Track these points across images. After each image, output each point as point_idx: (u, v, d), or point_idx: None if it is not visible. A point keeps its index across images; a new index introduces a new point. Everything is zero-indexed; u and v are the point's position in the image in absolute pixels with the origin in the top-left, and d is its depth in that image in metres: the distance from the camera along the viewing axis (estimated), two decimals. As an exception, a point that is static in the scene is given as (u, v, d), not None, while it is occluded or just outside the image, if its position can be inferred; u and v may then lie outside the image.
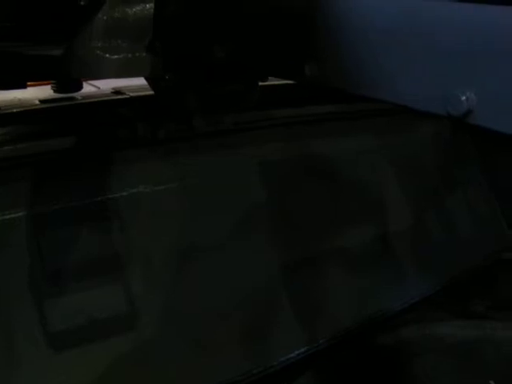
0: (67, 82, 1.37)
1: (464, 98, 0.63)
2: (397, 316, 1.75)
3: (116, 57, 1.09)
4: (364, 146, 1.79)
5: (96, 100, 1.45)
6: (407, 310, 1.78)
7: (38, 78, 1.25)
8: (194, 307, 1.36)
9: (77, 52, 1.09)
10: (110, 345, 1.24)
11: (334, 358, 1.57)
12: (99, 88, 1.58)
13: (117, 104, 1.42)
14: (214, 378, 1.35)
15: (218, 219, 1.43)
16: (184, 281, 1.37)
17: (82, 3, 1.06)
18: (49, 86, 1.42)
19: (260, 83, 1.26)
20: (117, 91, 1.52)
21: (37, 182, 1.22)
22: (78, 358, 1.20)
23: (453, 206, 2.00)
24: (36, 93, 1.46)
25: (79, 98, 1.45)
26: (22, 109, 1.38)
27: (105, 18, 1.09)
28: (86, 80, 1.43)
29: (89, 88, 1.54)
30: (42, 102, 1.44)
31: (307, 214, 1.62)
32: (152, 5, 1.09)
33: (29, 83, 1.27)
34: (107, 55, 1.08)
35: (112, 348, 1.24)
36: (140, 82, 1.35)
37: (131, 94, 1.48)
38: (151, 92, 1.28)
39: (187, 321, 1.35)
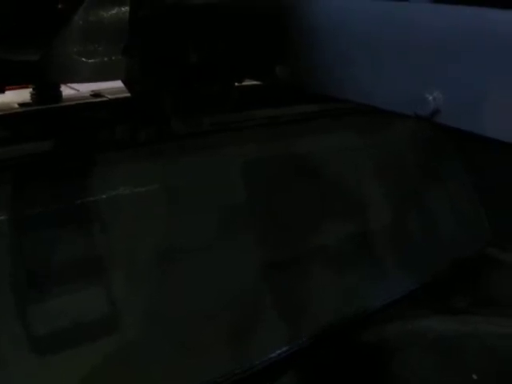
0: (46, 92, 1.38)
1: (431, 97, 0.64)
2: (379, 313, 1.76)
3: (92, 61, 1.09)
4: (346, 144, 1.80)
5: (75, 103, 1.45)
6: (389, 307, 1.80)
7: (16, 83, 1.25)
8: (178, 308, 1.36)
9: (54, 56, 1.09)
10: (94, 347, 1.24)
11: (316, 356, 1.58)
12: (78, 91, 1.58)
13: (96, 107, 1.42)
14: (197, 377, 1.35)
15: (201, 220, 1.43)
16: (167, 282, 1.37)
17: (59, 6, 1.06)
18: (27, 90, 1.42)
19: (239, 84, 1.26)
20: (96, 94, 1.52)
21: (17, 185, 1.22)
22: (62, 361, 1.20)
23: (435, 204, 2.01)
24: (14, 97, 1.46)
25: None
26: (0, 113, 1.38)
27: (81, 22, 1.09)
28: (65, 83, 1.43)
29: (68, 91, 1.54)
30: (21, 105, 1.44)
31: (290, 212, 1.62)
32: (127, 8, 1.10)
33: (7, 87, 1.27)
34: (84, 59, 1.09)
35: (96, 350, 1.24)
36: (119, 84, 1.35)
37: (110, 97, 1.48)
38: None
39: (171, 322, 1.36)
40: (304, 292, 1.62)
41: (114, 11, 1.09)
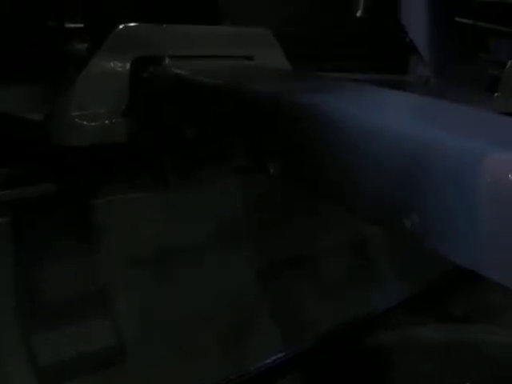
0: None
1: (409, 222, 0.68)
2: (377, 320, 1.81)
3: (93, 124, 1.13)
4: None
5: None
6: (387, 313, 1.85)
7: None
8: (175, 313, 1.41)
9: (56, 120, 1.13)
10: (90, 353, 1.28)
11: (313, 362, 1.64)
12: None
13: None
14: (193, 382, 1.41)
15: (197, 227, 1.46)
16: (165, 289, 1.41)
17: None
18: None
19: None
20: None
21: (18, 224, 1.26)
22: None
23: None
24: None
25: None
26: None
27: (83, 85, 1.13)
28: (67, 146, 1.47)
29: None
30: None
31: (286, 219, 1.66)
32: (128, 72, 1.13)
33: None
34: (85, 123, 1.13)
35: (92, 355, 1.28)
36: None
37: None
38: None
39: (168, 327, 1.40)
40: (301, 298, 1.67)
41: (115, 74, 1.13)
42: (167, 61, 1.14)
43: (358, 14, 1.94)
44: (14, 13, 1.44)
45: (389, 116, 0.77)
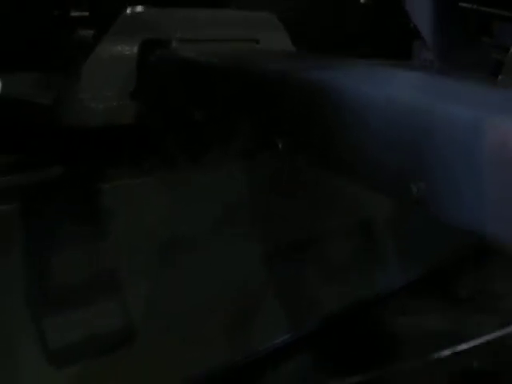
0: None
1: (415, 188, 0.70)
2: (381, 303, 1.83)
3: (102, 106, 1.15)
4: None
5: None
6: (392, 296, 1.86)
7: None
8: (183, 296, 1.43)
9: (66, 102, 1.15)
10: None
11: (318, 344, 1.65)
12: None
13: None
14: (201, 364, 1.43)
15: (202, 212, 1.48)
16: (172, 270, 1.42)
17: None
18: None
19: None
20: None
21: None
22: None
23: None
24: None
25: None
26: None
27: (91, 68, 1.15)
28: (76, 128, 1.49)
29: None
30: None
31: (290, 201, 1.67)
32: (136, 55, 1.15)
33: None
34: (94, 105, 1.15)
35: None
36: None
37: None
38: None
39: (175, 310, 1.42)
40: (306, 281, 1.67)
41: (123, 57, 1.15)
42: (174, 44, 1.16)
43: (362, 0, 1.95)
44: (20, 3, 1.46)
45: (396, 89, 0.78)
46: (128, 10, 1.17)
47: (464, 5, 1.95)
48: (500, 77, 1.79)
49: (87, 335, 1.28)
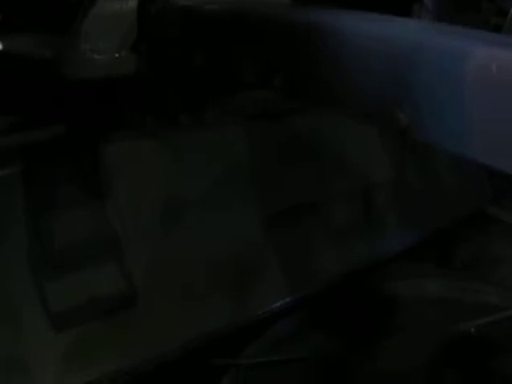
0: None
1: (401, 115, 0.72)
2: (380, 267, 1.84)
3: (103, 57, 1.17)
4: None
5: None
6: (391, 261, 1.88)
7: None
8: (181, 260, 1.44)
9: (68, 54, 1.18)
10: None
11: (317, 308, 1.66)
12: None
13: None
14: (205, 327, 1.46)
15: (203, 175, 1.50)
16: (171, 235, 1.44)
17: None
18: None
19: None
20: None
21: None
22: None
23: (435, 161, 2.06)
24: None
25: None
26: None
27: (93, 19, 1.17)
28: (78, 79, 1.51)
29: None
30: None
31: (289, 167, 1.67)
32: (136, 4, 1.17)
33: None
34: (96, 56, 1.17)
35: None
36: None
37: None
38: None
39: (176, 272, 1.44)
40: (306, 245, 1.68)
41: (124, 7, 1.17)
42: (174, -6, 1.18)
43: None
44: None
45: (380, 24, 0.81)
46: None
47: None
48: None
49: (89, 298, 1.30)
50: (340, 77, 0.79)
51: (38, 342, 1.24)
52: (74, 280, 1.29)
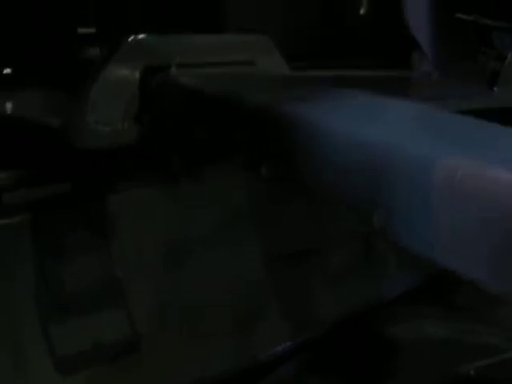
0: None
1: (376, 217, 0.77)
2: (380, 311, 1.87)
3: (108, 128, 1.24)
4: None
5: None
6: (390, 304, 1.90)
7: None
8: (185, 303, 1.49)
9: (74, 125, 1.25)
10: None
11: (318, 351, 1.70)
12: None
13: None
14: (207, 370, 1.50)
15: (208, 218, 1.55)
16: (176, 279, 1.49)
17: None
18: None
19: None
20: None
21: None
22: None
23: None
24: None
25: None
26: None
27: (99, 90, 1.24)
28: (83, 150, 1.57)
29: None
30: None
31: (293, 211, 1.70)
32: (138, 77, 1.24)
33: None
34: (100, 127, 1.24)
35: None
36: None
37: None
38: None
39: (180, 317, 1.49)
40: (308, 289, 1.73)
41: (126, 83, 1.24)
42: (174, 69, 1.24)
43: (362, 11, 2.00)
44: (28, 19, 1.53)
45: (361, 125, 0.86)
46: (130, 38, 1.26)
47: (462, 16, 1.99)
48: (496, 88, 1.84)
49: (94, 343, 1.34)
50: (323, 173, 0.84)
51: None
52: (80, 325, 1.33)
